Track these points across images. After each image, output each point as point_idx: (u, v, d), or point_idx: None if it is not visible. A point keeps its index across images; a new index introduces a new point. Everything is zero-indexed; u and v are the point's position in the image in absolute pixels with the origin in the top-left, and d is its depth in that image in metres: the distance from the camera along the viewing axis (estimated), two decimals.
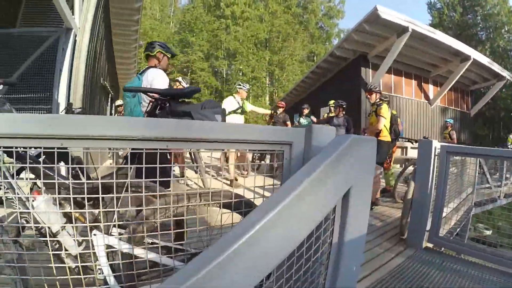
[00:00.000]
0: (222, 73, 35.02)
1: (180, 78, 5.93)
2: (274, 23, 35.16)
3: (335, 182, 0.88)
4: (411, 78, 13.50)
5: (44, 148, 0.98)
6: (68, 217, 1.37)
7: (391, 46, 10.94)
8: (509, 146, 11.54)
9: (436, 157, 2.97)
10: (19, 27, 6.62)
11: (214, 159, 8.05)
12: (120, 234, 1.45)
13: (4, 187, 1.20)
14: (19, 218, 1.22)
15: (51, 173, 1.25)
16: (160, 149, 1.14)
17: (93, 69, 7.65)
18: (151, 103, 2.45)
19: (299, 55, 34.88)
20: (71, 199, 1.25)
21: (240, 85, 6.13)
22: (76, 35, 6.40)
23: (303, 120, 8.09)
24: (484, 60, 12.88)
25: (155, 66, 3.22)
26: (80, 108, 2.99)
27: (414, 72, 13.40)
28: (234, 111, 5.88)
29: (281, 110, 8.20)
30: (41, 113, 6.29)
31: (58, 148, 0.99)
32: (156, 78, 3.04)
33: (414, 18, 10.46)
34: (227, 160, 6.31)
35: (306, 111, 8.22)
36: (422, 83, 13.86)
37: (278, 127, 1.52)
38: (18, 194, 1.21)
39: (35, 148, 1.03)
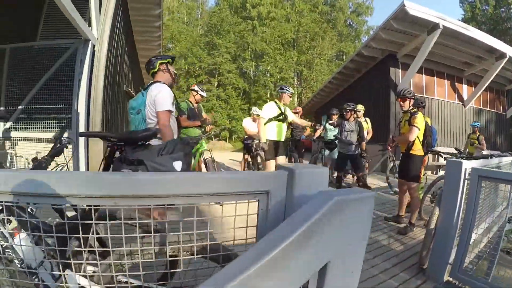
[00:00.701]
0: (250, 74, 34.80)
1: (196, 87, 5.79)
2: (301, 23, 34.66)
3: (305, 257, 0.71)
4: (443, 78, 12.71)
5: None
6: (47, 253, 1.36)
7: (421, 44, 10.30)
8: None
9: (466, 180, 2.56)
10: (39, 40, 6.77)
11: None
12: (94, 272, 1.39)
13: None
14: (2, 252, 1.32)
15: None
16: (109, 206, 1.01)
17: (114, 77, 7.79)
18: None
19: (328, 54, 34.16)
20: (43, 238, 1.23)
21: (282, 88, 5.58)
22: (94, 46, 6.47)
23: (329, 127, 7.61)
24: None
25: (159, 81, 3.10)
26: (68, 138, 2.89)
27: (446, 72, 12.61)
28: (276, 118, 5.45)
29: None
30: (63, 123, 6.42)
31: None
32: (159, 94, 2.93)
33: (446, 13, 9.80)
34: None
35: (335, 117, 7.59)
36: (456, 83, 13.03)
37: (251, 173, 1.29)
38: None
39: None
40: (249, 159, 7.91)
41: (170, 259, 1.26)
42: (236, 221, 1.09)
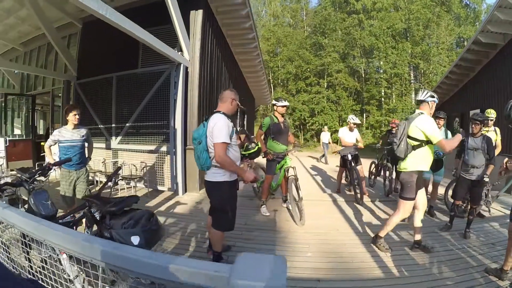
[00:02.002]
0: (361, 72, 32.89)
1: (274, 101, 5.79)
2: (411, 9, 31.15)
3: None
4: None
5: None
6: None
7: None
8: None
9: None
10: (140, 67, 7.80)
11: None
12: None
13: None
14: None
15: None
16: None
17: (210, 92, 8.36)
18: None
19: (445, 42, 29.99)
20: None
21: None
22: (187, 68, 7.20)
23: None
24: None
25: (219, 111, 3.35)
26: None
27: None
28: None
29: (395, 129, 7.50)
30: (163, 137, 7.25)
31: None
32: (215, 126, 3.15)
33: None
34: None
35: (442, 122, 5.93)
36: None
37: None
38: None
39: None
40: (346, 173, 7.54)
41: None
42: None
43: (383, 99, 31.54)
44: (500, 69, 10.39)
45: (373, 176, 8.70)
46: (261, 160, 6.04)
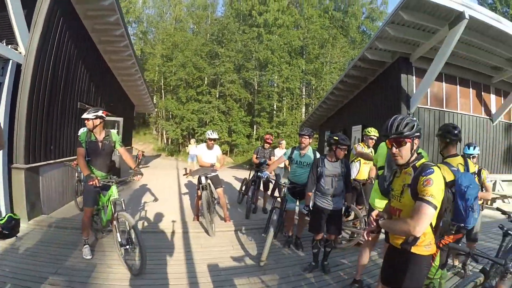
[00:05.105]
0: (254, 84, 33.30)
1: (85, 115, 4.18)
2: (310, 29, 33.10)
3: None
4: (467, 86, 10.44)
5: None
6: None
7: (441, 42, 8.23)
8: None
9: None
10: None
11: None
12: None
13: None
14: None
15: None
16: None
17: (52, 99, 6.58)
18: None
19: (338, 62, 32.27)
20: None
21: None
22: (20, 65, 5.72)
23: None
24: None
25: None
26: None
27: (471, 79, 10.39)
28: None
29: (267, 145, 7.53)
30: None
31: None
32: None
33: None
34: None
35: (304, 142, 5.05)
36: (482, 93, 10.71)
37: None
38: None
39: None
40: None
41: None
42: None
43: (274, 111, 32.71)
44: (385, 86, 10.67)
45: (241, 194, 8.25)
46: None
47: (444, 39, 8.13)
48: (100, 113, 4.16)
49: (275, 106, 32.62)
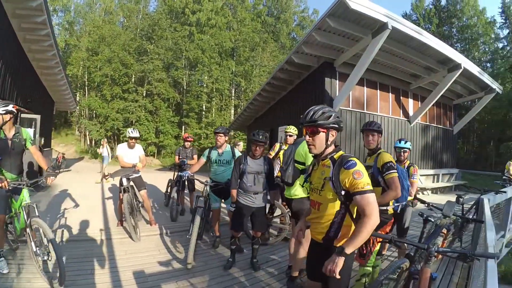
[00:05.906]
0: (182, 83, 32.31)
1: None
2: (242, 31, 33.14)
3: None
4: (387, 91, 11.12)
5: None
6: None
7: (364, 50, 8.53)
8: (505, 175, 9.84)
9: None
10: None
11: None
12: None
13: None
14: None
15: None
16: None
17: None
18: None
19: (267, 65, 32.62)
20: None
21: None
22: None
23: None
24: (475, 69, 10.65)
25: None
26: None
27: (391, 84, 11.07)
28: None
29: (188, 144, 7.34)
30: None
31: None
32: None
33: None
34: None
35: (221, 141, 4.99)
36: (401, 97, 11.52)
37: None
38: None
39: None
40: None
41: None
42: None
43: (203, 112, 32.05)
44: (310, 89, 10.94)
45: (167, 196, 7.96)
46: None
47: (367, 47, 8.35)
48: (10, 107, 3.64)
49: (204, 107, 32.01)
